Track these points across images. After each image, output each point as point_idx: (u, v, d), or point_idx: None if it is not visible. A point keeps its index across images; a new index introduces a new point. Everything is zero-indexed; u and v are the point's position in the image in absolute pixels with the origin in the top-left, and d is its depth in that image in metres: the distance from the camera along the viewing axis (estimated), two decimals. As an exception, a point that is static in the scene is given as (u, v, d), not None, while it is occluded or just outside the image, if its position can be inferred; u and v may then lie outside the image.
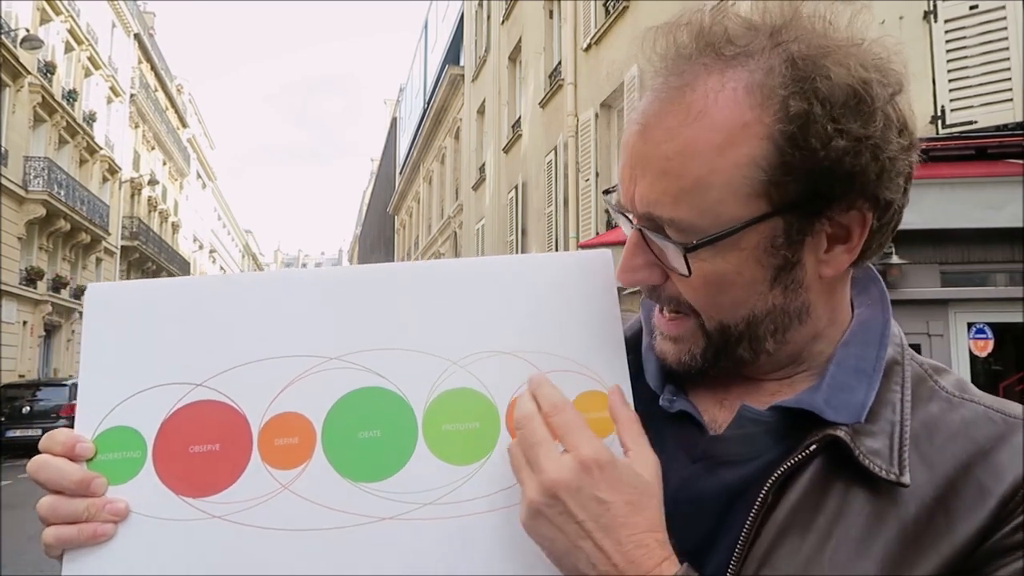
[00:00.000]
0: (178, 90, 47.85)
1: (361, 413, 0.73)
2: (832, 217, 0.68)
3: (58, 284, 25.30)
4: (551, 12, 14.87)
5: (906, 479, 0.66)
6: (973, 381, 0.76)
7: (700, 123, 0.65)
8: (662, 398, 0.77)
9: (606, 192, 0.78)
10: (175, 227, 44.71)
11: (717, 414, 0.77)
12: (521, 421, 0.69)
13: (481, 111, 20.60)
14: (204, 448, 0.72)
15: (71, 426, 0.73)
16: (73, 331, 27.39)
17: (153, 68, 38.73)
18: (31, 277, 23.29)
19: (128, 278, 34.44)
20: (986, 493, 0.65)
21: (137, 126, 35.55)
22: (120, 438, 0.72)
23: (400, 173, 36.36)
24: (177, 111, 45.51)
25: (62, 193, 24.18)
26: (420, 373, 0.74)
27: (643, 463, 0.68)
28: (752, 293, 0.70)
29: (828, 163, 0.64)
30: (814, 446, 0.68)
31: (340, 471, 0.72)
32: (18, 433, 16.10)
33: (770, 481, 0.67)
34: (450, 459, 0.73)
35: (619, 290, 0.80)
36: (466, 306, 0.76)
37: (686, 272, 0.68)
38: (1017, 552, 0.63)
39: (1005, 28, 6.28)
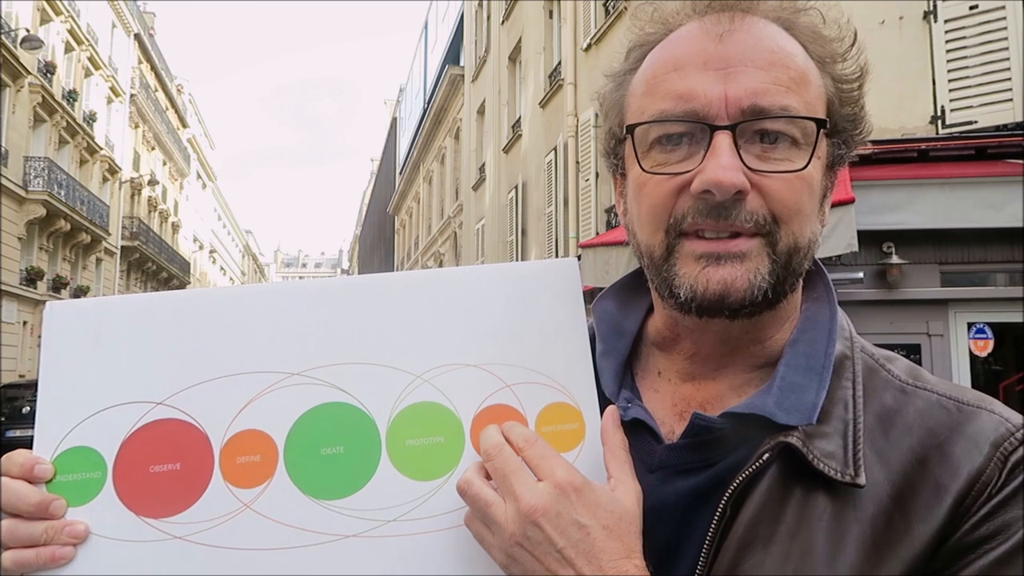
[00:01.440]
0: (178, 90, 47.82)
1: (324, 429, 0.72)
2: (842, 160, 0.74)
3: (58, 284, 25.27)
4: (551, 12, 14.86)
5: (861, 480, 0.65)
6: (973, 381, 0.76)
7: (782, 33, 0.70)
8: (617, 405, 0.75)
9: (633, 127, 0.71)
10: (175, 227, 44.68)
11: (674, 423, 0.75)
12: (491, 452, 0.67)
13: (481, 111, 20.59)
14: (165, 468, 0.71)
15: None
16: (73, 331, 27.32)
17: (153, 68, 38.71)
18: (31, 277, 23.28)
19: (128, 278, 34.57)
20: (942, 491, 0.64)
21: (137, 126, 35.53)
22: (79, 459, 0.71)
23: (400, 173, 36.34)
24: (177, 111, 45.48)
25: (62, 193, 24.16)
26: (383, 387, 0.73)
27: (625, 491, 0.67)
28: (815, 209, 0.71)
29: (850, 98, 0.72)
30: (767, 454, 0.67)
31: (303, 489, 0.71)
32: (18, 433, 16.06)
33: (727, 494, 0.66)
34: (414, 474, 0.72)
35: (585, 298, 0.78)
36: (430, 318, 0.75)
37: (803, 163, 0.67)
38: (979, 549, 0.62)
39: (1005, 28, 6.28)
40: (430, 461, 0.72)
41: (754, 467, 0.67)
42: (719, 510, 0.66)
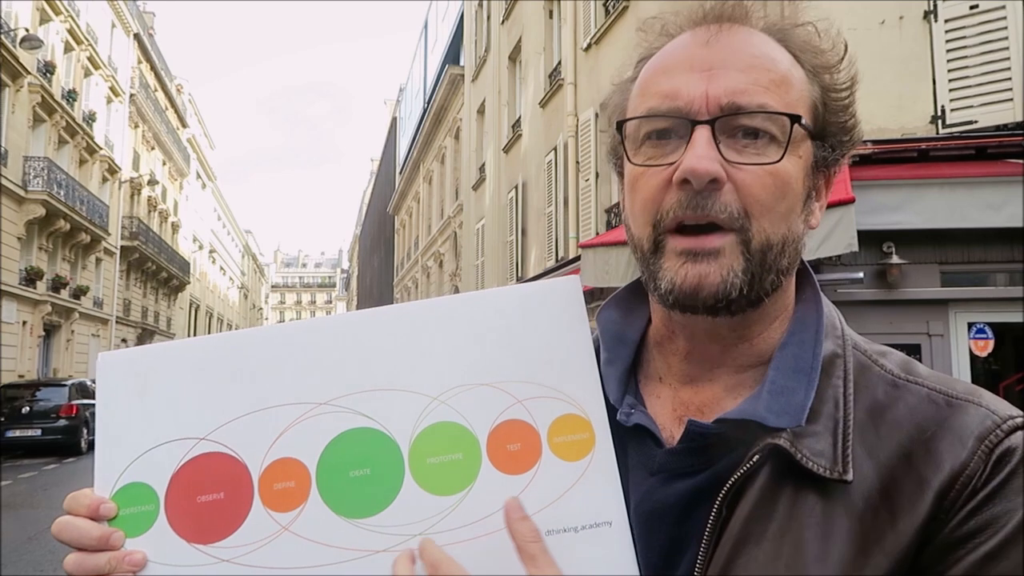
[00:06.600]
0: (178, 90, 47.84)
1: (351, 453, 0.77)
2: (831, 164, 0.77)
3: (58, 284, 25.31)
4: (551, 12, 14.88)
5: (849, 476, 0.67)
6: (973, 381, 0.76)
7: (770, 42, 0.74)
8: (620, 411, 0.79)
9: (622, 123, 0.77)
10: (175, 227, 44.71)
11: (674, 428, 0.78)
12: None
13: (481, 111, 20.61)
14: (210, 497, 0.76)
15: (70, 425, 0.75)
16: (73, 331, 27.39)
17: (153, 68, 38.74)
18: (31, 277, 23.30)
19: (128, 278, 34.56)
20: (924, 485, 0.65)
21: (137, 126, 35.56)
22: (135, 494, 0.77)
23: (400, 173, 36.38)
24: (177, 111, 45.52)
25: (62, 193, 24.18)
26: (403, 411, 0.78)
27: None
28: (794, 208, 0.73)
29: (840, 106, 0.75)
30: (757, 456, 0.69)
31: (335, 509, 0.76)
32: (18, 433, 16.06)
33: (720, 496, 0.69)
34: (436, 490, 0.76)
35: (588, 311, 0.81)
36: (443, 344, 0.80)
37: (777, 158, 0.70)
38: (968, 544, 0.63)
39: (1005, 28, 6.29)
40: (450, 477, 0.77)
41: (745, 468, 0.69)
42: (715, 510, 0.69)
